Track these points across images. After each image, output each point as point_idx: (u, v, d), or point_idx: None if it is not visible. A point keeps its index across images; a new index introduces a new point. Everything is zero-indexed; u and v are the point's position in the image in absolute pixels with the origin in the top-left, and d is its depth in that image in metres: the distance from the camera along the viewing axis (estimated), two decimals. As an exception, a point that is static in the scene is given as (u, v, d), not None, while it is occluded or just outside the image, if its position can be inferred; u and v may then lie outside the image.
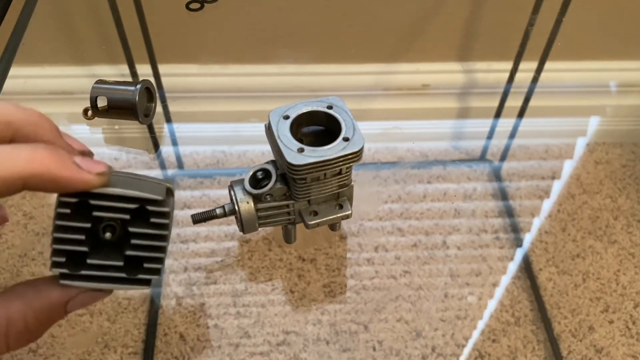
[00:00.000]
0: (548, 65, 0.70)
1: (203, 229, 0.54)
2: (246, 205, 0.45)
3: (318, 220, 0.46)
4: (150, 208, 0.34)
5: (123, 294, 0.50)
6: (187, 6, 0.74)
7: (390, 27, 0.75)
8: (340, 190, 0.46)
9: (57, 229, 0.33)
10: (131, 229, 0.34)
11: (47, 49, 0.72)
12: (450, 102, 0.68)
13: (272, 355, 0.47)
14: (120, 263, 0.35)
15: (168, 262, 0.52)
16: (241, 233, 0.47)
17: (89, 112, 0.59)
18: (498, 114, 0.66)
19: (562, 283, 0.51)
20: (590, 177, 0.59)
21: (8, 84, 0.65)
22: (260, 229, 0.47)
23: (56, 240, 0.33)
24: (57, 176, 0.31)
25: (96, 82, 0.57)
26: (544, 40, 0.72)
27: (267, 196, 0.45)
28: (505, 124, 0.65)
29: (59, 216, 0.33)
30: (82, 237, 0.34)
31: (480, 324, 0.49)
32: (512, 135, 0.64)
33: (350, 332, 0.48)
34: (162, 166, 0.60)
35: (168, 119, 0.64)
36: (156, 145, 0.62)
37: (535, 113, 0.66)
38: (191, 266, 0.52)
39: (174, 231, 0.54)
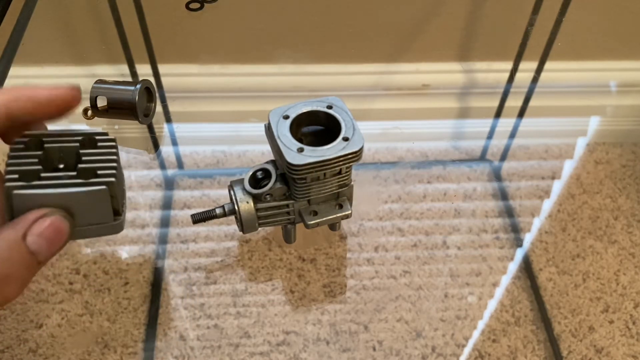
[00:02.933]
0: (548, 65, 0.70)
1: (203, 229, 0.54)
2: (246, 205, 0.45)
3: (318, 220, 0.46)
4: (96, 137, 0.36)
5: (123, 295, 0.50)
6: (187, 6, 0.74)
7: (390, 27, 0.75)
8: (340, 190, 0.46)
9: (11, 157, 0.35)
10: (81, 151, 0.36)
11: (47, 49, 0.72)
12: (450, 102, 0.68)
13: (272, 355, 0.47)
14: (74, 173, 0.35)
15: (168, 262, 0.52)
16: (241, 233, 0.47)
17: (89, 112, 0.59)
18: (498, 114, 0.66)
19: (562, 283, 0.51)
20: (590, 177, 0.59)
21: (8, 84, 0.65)
22: (260, 229, 0.47)
23: (9, 164, 0.34)
24: (35, 94, 0.34)
25: (96, 82, 0.57)
26: (544, 40, 0.72)
27: (267, 196, 0.45)
28: (505, 124, 0.65)
29: (12, 149, 0.35)
30: (35, 160, 0.35)
31: (481, 324, 0.49)
32: (512, 135, 0.64)
33: (350, 332, 0.48)
34: (162, 166, 0.60)
35: (168, 119, 0.64)
36: (156, 145, 0.62)
37: (535, 113, 0.66)
38: (191, 266, 0.52)
39: (174, 231, 0.54)
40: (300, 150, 0.42)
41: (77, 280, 0.51)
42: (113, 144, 0.36)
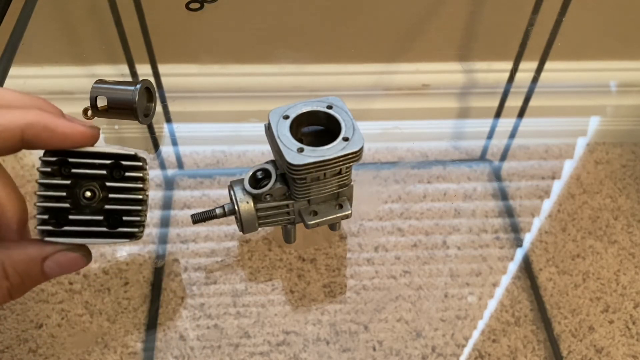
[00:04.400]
0: (548, 65, 0.70)
1: (203, 229, 0.54)
2: (246, 205, 0.45)
3: (318, 220, 0.46)
4: (124, 163, 0.37)
5: (123, 295, 0.50)
6: (187, 6, 0.74)
7: (390, 27, 0.75)
8: (340, 190, 0.46)
9: (40, 186, 0.36)
10: (108, 184, 0.37)
11: (47, 49, 0.72)
12: (450, 102, 0.68)
13: (272, 355, 0.47)
14: (100, 217, 0.36)
15: (168, 262, 0.52)
16: (241, 233, 0.47)
17: (89, 112, 0.59)
18: (498, 114, 0.66)
19: (562, 283, 0.51)
20: (590, 177, 0.59)
21: (8, 84, 0.65)
22: (260, 229, 0.47)
23: (39, 198, 0.36)
24: (53, 125, 0.34)
25: (96, 82, 0.57)
26: (544, 40, 0.72)
27: (267, 196, 0.45)
28: (505, 124, 0.65)
29: (41, 175, 0.36)
30: (64, 193, 0.36)
31: (481, 324, 0.49)
32: (512, 135, 0.64)
33: (350, 332, 0.48)
34: (162, 166, 0.60)
35: (168, 119, 0.64)
36: (156, 145, 0.62)
37: (535, 113, 0.66)
38: (191, 266, 0.52)
39: (174, 231, 0.54)
40: (300, 150, 0.42)
41: (77, 280, 0.51)
42: (140, 175, 0.37)
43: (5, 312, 0.49)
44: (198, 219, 0.47)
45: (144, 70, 0.68)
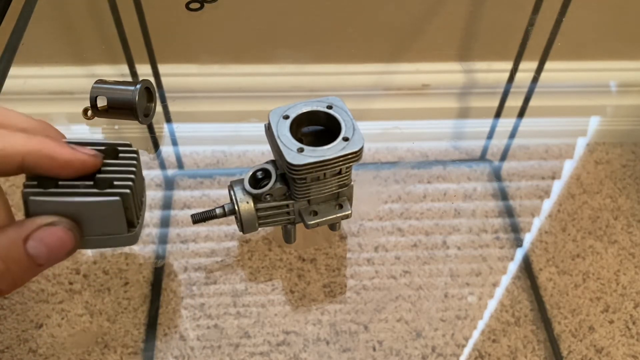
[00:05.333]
0: (548, 65, 0.70)
1: (203, 229, 0.54)
2: (246, 205, 0.45)
3: (318, 220, 0.46)
4: (119, 148, 0.37)
5: (123, 295, 0.50)
6: (187, 6, 0.74)
7: (390, 27, 0.75)
8: (340, 190, 0.46)
9: None
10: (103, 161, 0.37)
11: (47, 49, 0.72)
12: (450, 102, 0.68)
13: (272, 355, 0.47)
14: (90, 182, 0.36)
15: (168, 262, 0.52)
16: (241, 233, 0.47)
17: (89, 112, 0.59)
18: (498, 114, 0.66)
19: (562, 283, 0.51)
20: (590, 177, 0.59)
21: (8, 84, 0.65)
22: (260, 229, 0.47)
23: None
24: (55, 154, 0.34)
25: (96, 82, 0.57)
26: (544, 40, 0.72)
27: (267, 196, 0.45)
28: (505, 124, 0.65)
29: None
30: None
31: (481, 324, 0.49)
32: (512, 135, 0.64)
33: (350, 332, 0.48)
34: (162, 166, 0.60)
35: (168, 119, 0.64)
36: (156, 145, 0.62)
37: (535, 113, 0.66)
38: (191, 266, 0.52)
39: (174, 231, 0.54)
40: (300, 150, 0.42)
41: (77, 280, 0.51)
42: (134, 155, 0.37)
43: (6, 312, 0.49)
44: (198, 219, 0.47)
45: (144, 70, 0.68)
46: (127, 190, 0.36)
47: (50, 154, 0.34)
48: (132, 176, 0.37)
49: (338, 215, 0.47)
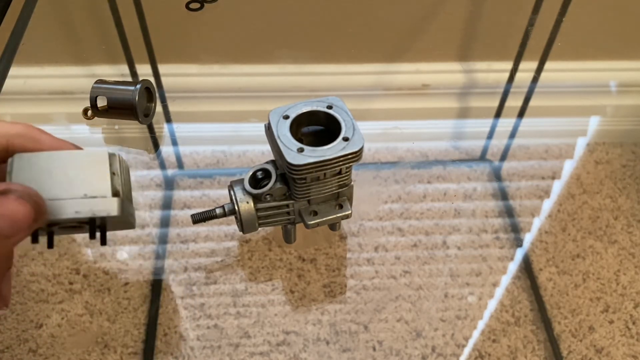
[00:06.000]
0: (548, 65, 0.70)
1: (203, 229, 0.54)
2: (246, 205, 0.45)
3: (318, 220, 0.46)
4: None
5: (123, 295, 0.50)
6: (187, 6, 0.74)
7: (390, 27, 0.75)
8: (340, 190, 0.46)
9: None
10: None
11: (47, 49, 0.72)
12: (450, 102, 0.68)
13: (272, 355, 0.47)
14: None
15: (168, 262, 0.52)
16: (241, 233, 0.47)
17: (89, 112, 0.59)
18: (498, 114, 0.66)
19: (562, 283, 0.51)
20: (590, 177, 0.59)
21: (8, 84, 0.65)
22: (260, 228, 0.47)
23: None
24: (40, 138, 0.35)
25: (96, 82, 0.57)
26: (544, 40, 0.72)
27: (267, 196, 0.45)
28: (505, 124, 0.65)
29: None
30: None
31: (481, 324, 0.49)
32: (512, 135, 0.64)
33: (350, 332, 0.48)
34: (162, 166, 0.60)
35: (168, 119, 0.64)
36: (156, 145, 0.62)
37: (535, 113, 0.66)
38: (191, 266, 0.52)
39: (174, 231, 0.54)
40: (300, 150, 0.42)
41: (77, 280, 0.51)
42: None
43: (6, 312, 0.49)
44: (198, 218, 0.47)
45: (144, 70, 0.68)
46: (114, 153, 0.36)
47: (36, 137, 0.35)
48: (117, 155, 0.36)
49: (338, 215, 0.47)
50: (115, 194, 0.35)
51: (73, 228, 0.36)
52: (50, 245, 0.36)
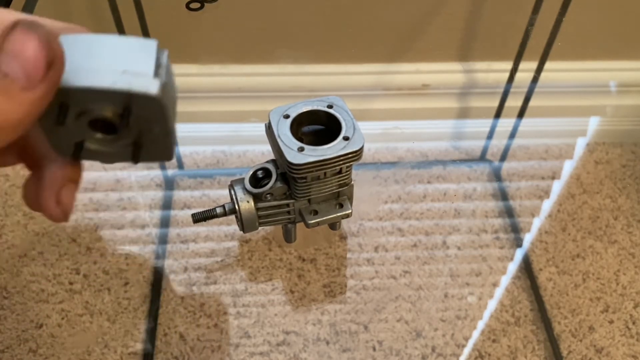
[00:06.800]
0: (548, 65, 0.70)
1: (203, 229, 0.54)
2: (246, 204, 0.45)
3: (318, 220, 0.46)
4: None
5: (123, 295, 0.50)
6: (187, 6, 0.74)
7: (390, 27, 0.75)
8: (341, 189, 0.46)
9: None
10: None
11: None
12: (450, 102, 0.68)
13: (272, 355, 0.47)
14: None
15: (168, 262, 0.52)
16: (241, 233, 0.47)
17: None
18: (498, 114, 0.66)
19: (562, 283, 0.51)
20: (590, 177, 0.59)
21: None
22: (260, 228, 0.47)
23: None
24: (52, 25, 0.30)
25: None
26: (544, 40, 0.72)
27: (268, 195, 0.45)
28: (505, 124, 0.65)
29: None
30: None
31: (481, 324, 0.49)
32: (512, 135, 0.64)
33: (350, 332, 0.48)
34: (162, 166, 0.60)
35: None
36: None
37: (535, 113, 0.66)
38: (191, 266, 0.52)
39: (174, 231, 0.54)
40: (301, 149, 0.42)
41: (77, 280, 0.51)
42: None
43: (6, 312, 0.49)
44: (199, 218, 0.47)
45: (144, 70, 0.68)
46: (165, 49, 0.31)
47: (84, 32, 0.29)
48: (166, 51, 0.32)
49: (338, 214, 0.47)
50: (156, 77, 0.31)
51: (105, 139, 0.32)
52: (76, 156, 0.32)
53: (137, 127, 0.32)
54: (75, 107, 0.30)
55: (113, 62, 0.30)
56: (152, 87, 0.30)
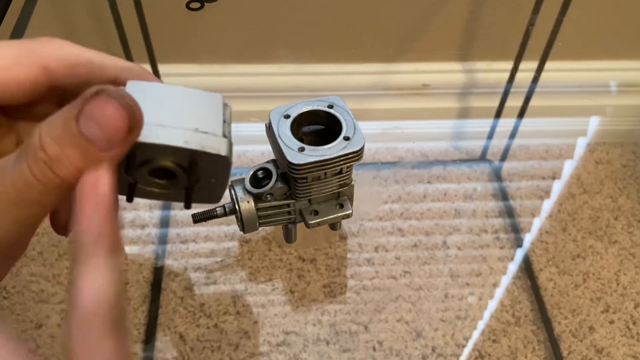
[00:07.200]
0: (548, 65, 0.70)
1: (203, 229, 0.54)
2: (247, 204, 0.45)
3: (319, 220, 0.46)
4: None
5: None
6: (187, 6, 0.74)
7: (390, 27, 0.75)
8: (341, 189, 0.46)
9: None
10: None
11: (47, 48, 0.72)
12: (451, 102, 0.68)
13: (272, 355, 0.47)
14: None
15: (168, 262, 0.52)
16: (241, 233, 0.47)
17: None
18: (498, 114, 0.66)
19: (562, 283, 0.51)
20: (590, 177, 0.59)
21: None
22: (260, 228, 0.47)
23: None
24: (148, 75, 0.31)
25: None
26: (545, 40, 0.72)
27: (268, 195, 0.45)
28: (506, 123, 0.65)
29: None
30: None
31: (481, 324, 0.49)
32: (513, 135, 0.64)
33: (351, 332, 0.48)
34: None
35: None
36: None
37: (535, 113, 0.66)
38: (191, 266, 0.52)
39: (174, 231, 0.54)
40: (301, 149, 0.42)
41: (77, 280, 0.51)
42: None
43: (5, 313, 0.49)
44: (199, 218, 0.47)
45: (144, 70, 0.68)
46: (227, 103, 0.32)
47: (145, 76, 0.31)
48: (229, 105, 0.33)
49: (339, 214, 0.47)
50: (225, 137, 0.32)
51: (160, 183, 0.32)
52: (130, 198, 0.32)
53: (196, 178, 0.32)
54: (142, 158, 0.30)
55: (183, 118, 0.30)
56: (222, 148, 0.31)
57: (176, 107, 0.31)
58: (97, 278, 0.24)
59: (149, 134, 0.29)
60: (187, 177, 0.31)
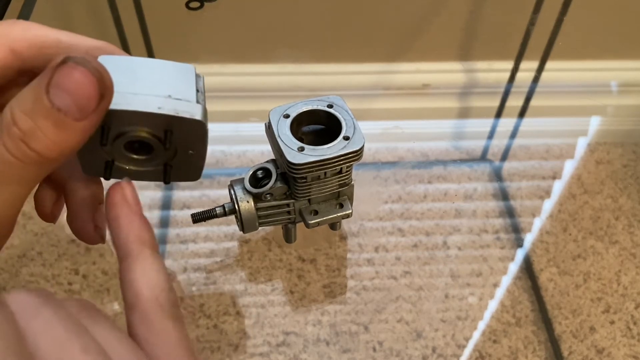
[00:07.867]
0: (549, 64, 0.70)
1: (202, 229, 0.54)
2: (246, 204, 0.45)
3: (318, 220, 0.46)
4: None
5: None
6: (187, 5, 0.74)
7: (390, 27, 0.75)
8: (341, 189, 0.46)
9: None
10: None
11: (47, 48, 0.71)
12: (451, 102, 0.68)
13: (272, 356, 0.47)
14: None
15: (168, 262, 0.52)
16: (241, 233, 0.47)
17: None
18: (499, 114, 0.66)
19: (563, 283, 0.51)
20: (591, 177, 0.59)
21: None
22: (260, 228, 0.47)
23: None
24: (119, 52, 0.32)
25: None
26: (545, 40, 0.72)
27: (267, 195, 0.45)
28: (506, 123, 0.65)
29: None
30: None
31: (481, 325, 0.49)
32: (513, 135, 0.63)
33: (351, 332, 0.48)
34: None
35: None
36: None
37: (536, 113, 0.66)
38: (191, 266, 0.51)
39: (174, 231, 0.54)
40: (301, 149, 0.42)
41: (77, 281, 0.50)
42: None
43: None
44: (198, 218, 0.47)
45: (144, 70, 0.68)
46: (201, 74, 0.32)
47: (116, 53, 0.31)
48: (202, 76, 0.33)
49: (339, 214, 0.47)
50: (198, 103, 0.32)
51: (138, 159, 0.32)
52: (107, 176, 0.32)
53: (173, 149, 0.32)
54: (116, 129, 0.30)
55: (156, 86, 0.30)
56: (196, 112, 0.31)
57: (149, 77, 0.31)
58: (149, 272, 0.27)
59: (122, 102, 0.29)
60: (164, 148, 0.31)
